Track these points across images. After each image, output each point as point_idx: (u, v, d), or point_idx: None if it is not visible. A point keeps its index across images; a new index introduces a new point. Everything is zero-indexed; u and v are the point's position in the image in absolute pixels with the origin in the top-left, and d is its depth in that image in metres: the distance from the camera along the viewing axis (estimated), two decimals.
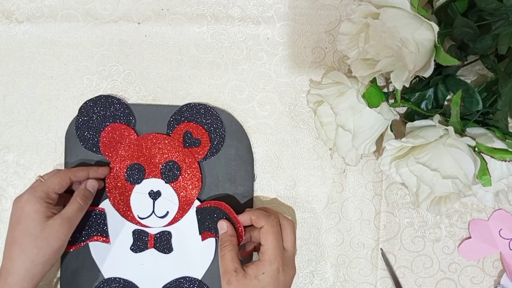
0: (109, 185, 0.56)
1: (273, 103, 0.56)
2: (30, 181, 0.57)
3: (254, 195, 0.55)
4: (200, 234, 0.55)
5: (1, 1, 0.57)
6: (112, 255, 0.56)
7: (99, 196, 0.56)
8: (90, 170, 0.53)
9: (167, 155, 0.55)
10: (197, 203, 0.55)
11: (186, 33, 0.56)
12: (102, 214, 0.56)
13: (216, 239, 0.55)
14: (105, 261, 0.56)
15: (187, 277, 0.55)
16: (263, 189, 0.55)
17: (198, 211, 0.55)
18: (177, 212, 0.55)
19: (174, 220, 0.55)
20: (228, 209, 0.52)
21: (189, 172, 0.55)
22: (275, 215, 0.49)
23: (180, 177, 0.55)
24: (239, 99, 0.56)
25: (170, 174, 0.55)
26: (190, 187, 0.55)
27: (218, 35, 0.56)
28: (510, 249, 0.53)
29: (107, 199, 0.56)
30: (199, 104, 0.55)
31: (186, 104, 0.55)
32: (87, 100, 0.56)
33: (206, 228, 0.54)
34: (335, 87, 0.48)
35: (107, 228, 0.56)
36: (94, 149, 0.56)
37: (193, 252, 0.55)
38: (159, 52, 0.56)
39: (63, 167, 0.57)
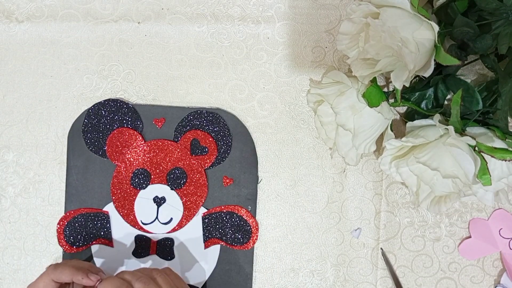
0: (114, 189, 0.56)
1: (273, 102, 0.56)
2: (30, 180, 0.57)
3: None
4: (204, 241, 0.55)
5: (1, 0, 0.57)
6: (113, 259, 0.56)
7: (103, 199, 0.56)
8: (75, 276, 0.47)
9: (174, 162, 0.55)
10: (202, 210, 0.55)
11: (186, 33, 0.56)
12: (106, 217, 0.56)
13: (221, 246, 0.55)
14: (106, 264, 0.56)
15: (188, 284, 0.55)
16: (263, 188, 0.55)
17: (205, 218, 0.55)
18: (181, 219, 0.55)
19: (178, 227, 0.55)
20: (239, 211, 0.54)
21: (195, 179, 0.55)
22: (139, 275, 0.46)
23: (186, 184, 0.55)
24: (239, 98, 0.56)
25: (176, 180, 0.55)
26: (195, 195, 0.55)
27: (218, 35, 0.56)
28: (510, 248, 0.53)
29: (111, 203, 0.56)
30: (207, 111, 0.55)
31: (195, 111, 0.55)
32: (96, 103, 0.56)
33: (212, 235, 0.55)
34: (335, 86, 0.48)
35: (111, 231, 0.56)
36: (100, 152, 0.56)
37: (195, 260, 0.55)
38: (159, 51, 0.56)
39: (64, 167, 0.57)
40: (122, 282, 0.44)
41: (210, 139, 0.55)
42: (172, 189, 0.55)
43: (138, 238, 0.56)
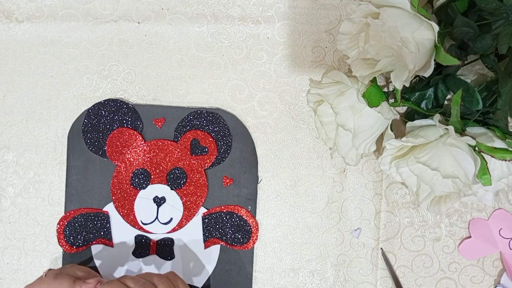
0: (114, 189, 0.56)
1: (273, 102, 0.56)
2: (30, 180, 0.57)
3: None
4: (204, 241, 0.55)
5: (1, 0, 0.57)
6: (113, 259, 0.56)
7: (103, 199, 0.56)
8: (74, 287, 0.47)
9: (174, 162, 0.55)
10: (202, 210, 0.55)
11: (186, 33, 0.56)
12: (106, 217, 0.56)
13: (221, 246, 0.55)
14: (106, 264, 0.56)
15: (188, 285, 0.55)
16: (263, 188, 0.55)
17: (204, 218, 0.55)
18: (181, 219, 0.55)
19: (178, 227, 0.55)
20: (239, 211, 0.54)
21: (195, 179, 0.55)
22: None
23: (186, 184, 0.55)
24: (239, 98, 0.56)
25: (176, 180, 0.55)
26: (195, 195, 0.55)
27: (218, 35, 0.56)
28: (510, 248, 0.53)
29: (111, 203, 0.56)
30: (207, 111, 0.55)
31: (195, 111, 0.55)
32: (96, 103, 0.56)
33: (212, 235, 0.55)
34: (335, 86, 0.48)
35: (111, 231, 0.56)
36: (100, 152, 0.56)
37: (195, 260, 0.55)
38: (159, 51, 0.56)
39: (64, 167, 0.57)
40: None
41: (210, 139, 0.55)
42: (172, 189, 0.55)
43: (138, 238, 0.56)
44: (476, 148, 0.43)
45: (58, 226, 0.56)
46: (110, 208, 0.56)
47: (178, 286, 0.47)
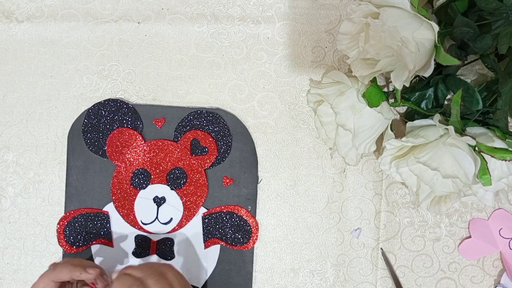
0: (114, 189, 0.56)
1: (273, 102, 0.56)
2: (30, 180, 0.57)
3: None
4: (204, 241, 0.55)
5: (1, 0, 0.57)
6: (113, 259, 0.56)
7: (103, 199, 0.56)
8: (73, 273, 0.47)
9: (174, 162, 0.55)
10: (202, 210, 0.55)
11: (186, 33, 0.56)
12: (106, 217, 0.56)
13: (221, 246, 0.55)
14: (106, 264, 0.56)
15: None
16: (263, 188, 0.55)
17: (204, 218, 0.55)
18: (181, 219, 0.55)
19: (178, 227, 0.55)
20: (239, 211, 0.54)
21: (195, 179, 0.55)
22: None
23: (186, 184, 0.55)
24: (239, 98, 0.56)
25: (176, 180, 0.55)
26: (195, 195, 0.55)
27: (218, 35, 0.56)
28: (510, 248, 0.53)
29: (111, 203, 0.56)
30: (207, 111, 0.55)
31: (195, 111, 0.55)
32: (96, 103, 0.56)
33: (212, 235, 0.55)
34: (335, 86, 0.48)
35: (111, 231, 0.56)
36: (100, 152, 0.56)
37: (195, 260, 0.55)
38: (159, 51, 0.56)
39: (64, 167, 0.57)
40: (133, 281, 0.44)
41: (210, 139, 0.55)
42: (172, 189, 0.55)
43: (138, 238, 0.56)
44: (476, 148, 0.43)
45: (58, 226, 0.56)
46: (110, 208, 0.56)
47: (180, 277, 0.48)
